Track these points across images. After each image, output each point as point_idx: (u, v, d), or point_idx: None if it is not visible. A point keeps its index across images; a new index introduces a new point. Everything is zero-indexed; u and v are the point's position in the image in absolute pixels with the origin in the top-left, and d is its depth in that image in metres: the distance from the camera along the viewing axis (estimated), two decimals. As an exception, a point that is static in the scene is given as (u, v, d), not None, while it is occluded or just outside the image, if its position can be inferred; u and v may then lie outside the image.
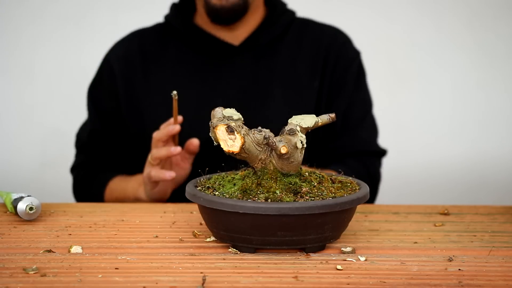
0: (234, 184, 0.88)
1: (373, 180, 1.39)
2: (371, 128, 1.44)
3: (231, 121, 0.85)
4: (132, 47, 1.41)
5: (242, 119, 0.87)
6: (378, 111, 1.99)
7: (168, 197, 1.26)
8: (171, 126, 1.17)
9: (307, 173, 0.90)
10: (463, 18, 2.26)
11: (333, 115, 0.89)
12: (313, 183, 0.88)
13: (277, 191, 0.85)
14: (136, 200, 1.27)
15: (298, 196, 0.85)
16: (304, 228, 0.84)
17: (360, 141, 1.40)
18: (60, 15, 2.23)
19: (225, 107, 1.32)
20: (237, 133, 0.84)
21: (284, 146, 0.85)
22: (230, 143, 0.84)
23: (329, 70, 1.39)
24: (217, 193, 0.88)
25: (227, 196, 0.86)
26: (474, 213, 1.12)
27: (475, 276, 0.80)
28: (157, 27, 1.45)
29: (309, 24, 1.45)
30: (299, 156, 0.86)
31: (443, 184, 2.28)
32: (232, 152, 0.85)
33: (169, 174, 1.15)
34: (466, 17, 2.26)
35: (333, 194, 0.87)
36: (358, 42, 1.46)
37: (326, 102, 1.39)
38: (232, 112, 0.87)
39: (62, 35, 2.24)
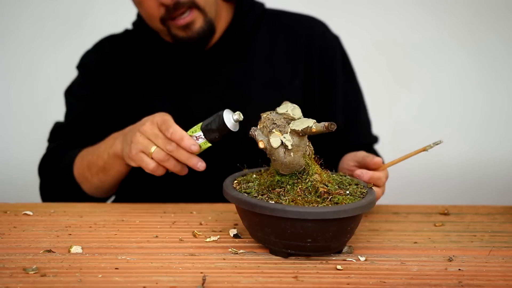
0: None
1: None
2: (366, 118, 1.44)
3: (272, 112, 0.90)
4: (106, 51, 1.39)
5: (288, 114, 0.89)
6: (379, 111, 2.00)
7: (126, 171, 1.19)
8: (196, 161, 1.04)
9: (313, 178, 0.88)
10: (463, 19, 2.26)
11: (327, 124, 0.83)
12: (292, 186, 0.87)
13: (256, 184, 0.90)
14: (110, 157, 1.16)
15: (267, 192, 0.87)
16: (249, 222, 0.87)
17: (361, 134, 1.39)
18: (60, 15, 2.23)
19: (203, 114, 1.31)
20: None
21: (261, 140, 0.87)
22: None
23: (315, 67, 1.36)
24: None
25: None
26: (474, 213, 1.12)
27: (475, 276, 0.80)
28: (127, 34, 1.42)
29: (282, 16, 1.40)
30: (282, 156, 0.86)
31: (443, 184, 2.28)
32: None
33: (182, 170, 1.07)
34: (466, 17, 2.26)
35: (294, 202, 0.84)
36: (359, 42, 1.46)
37: (320, 100, 1.37)
38: (281, 108, 0.89)
39: (62, 35, 2.24)
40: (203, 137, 1.02)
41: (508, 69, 2.28)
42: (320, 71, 1.36)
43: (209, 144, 1.03)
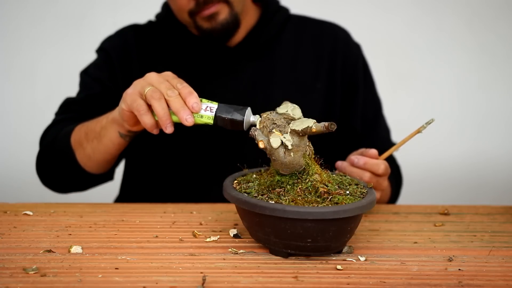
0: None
1: (400, 172, 1.41)
2: (385, 125, 1.45)
3: (272, 112, 0.89)
4: (129, 39, 1.38)
5: (288, 114, 0.88)
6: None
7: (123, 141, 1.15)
8: (187, 113, 0.95)
9: (313, 178, 0.88)
10: (463, 19, 2.26)
11: (327, 124, 0.83)
12: (292, 186, 0.87)
13: (256, 184, 0.90)
14: (108, 121, 1.12)
15: (267, 192, 0.87)
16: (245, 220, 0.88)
17: (380, 140, 1.40)
18: (60, 16, 2.23)
19: None
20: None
21: (261, 141, 0.87)
22: None
23: (338, 73, 1.37)
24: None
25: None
26: (474, 213, 1.12)
27: (475, 276, 0.80)
28: (150, 25, 1.41)
29: (306, 22, 1.43)
30: (282, 156, 0.86)
31: (443, 184, 2.28)
32: None
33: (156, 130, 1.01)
34: (466, 17, 2.26)
35: (294, 202, 0.84)
36: (359, 42, 1.46)
37: (342, 105, 1.38)
38: (281, 108, 0.89)
39: (62, 35, 2.24)
40: (214, 111, 0.95)
41: (508, 69, 2.28)
42: (342, 77, 1.38)
43: (210, 122, 0.95)
